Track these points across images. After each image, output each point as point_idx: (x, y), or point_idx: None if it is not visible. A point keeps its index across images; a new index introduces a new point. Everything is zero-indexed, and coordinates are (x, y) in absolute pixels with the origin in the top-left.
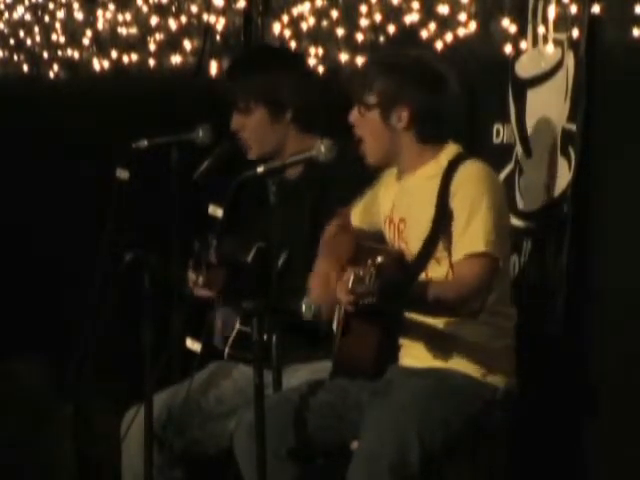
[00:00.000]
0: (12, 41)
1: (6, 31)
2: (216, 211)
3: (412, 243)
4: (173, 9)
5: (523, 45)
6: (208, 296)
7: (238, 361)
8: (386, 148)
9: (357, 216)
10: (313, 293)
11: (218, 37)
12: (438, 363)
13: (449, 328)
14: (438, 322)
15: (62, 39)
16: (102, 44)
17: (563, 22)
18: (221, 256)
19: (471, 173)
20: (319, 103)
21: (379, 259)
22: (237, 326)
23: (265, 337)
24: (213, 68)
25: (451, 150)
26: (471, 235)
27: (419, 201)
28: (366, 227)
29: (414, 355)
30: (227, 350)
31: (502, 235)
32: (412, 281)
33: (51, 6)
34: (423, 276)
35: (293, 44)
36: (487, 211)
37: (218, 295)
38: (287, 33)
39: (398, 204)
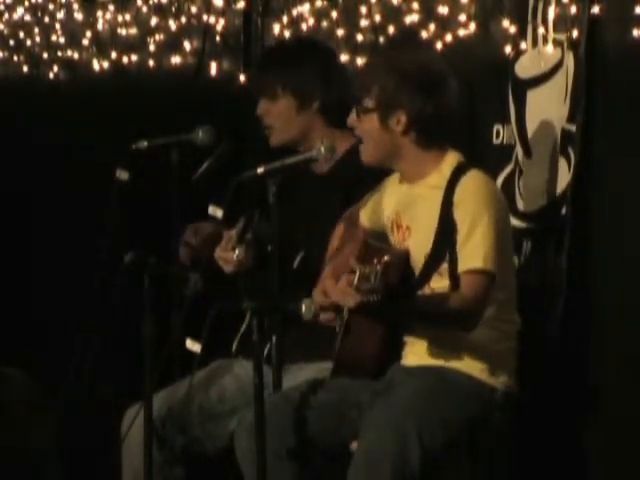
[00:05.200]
0: (12, 42)
1: (6, 32)
2: (216, 211)
3: (415, 252)
4: (173, 10)
5: (523, 46)
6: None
7: (245, 357)
8: (384, 151)
9: (365, 217)
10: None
11: (218, 38)
12: (441, 362)
13: None
14: None
15: (62, 40)
16: (102, 45)
17: (563, 22)
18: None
19: (473, 186)
20: (348, 98)
21: (386, 258)
22: (246, 322)
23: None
24: (213, 68)
25: (452, 159)
26: (470, 250)
27: (423, 211)
28: (374, 227)
29: (418, 353)
30: (235, 346)
31: (502, 249)
32: (415, 288)
33: (51, 7)
34: (426, 288)
35: None
36: (487, 226)
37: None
38: (287, 34)
39: (404, 210)
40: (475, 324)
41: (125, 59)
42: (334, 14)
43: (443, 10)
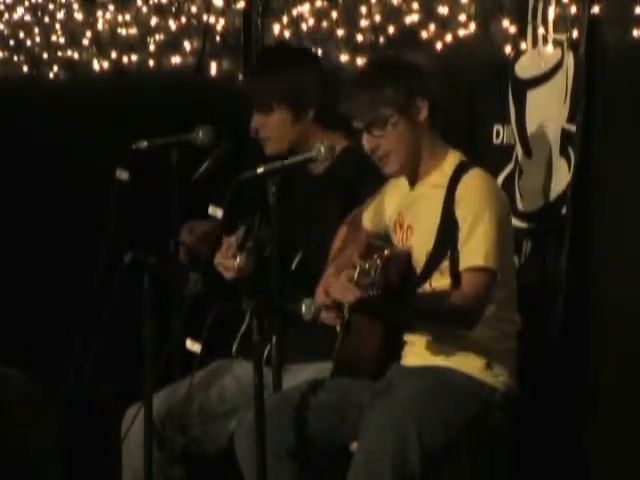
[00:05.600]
0: (12, 42)
1: (6, 32)
2: (216, 211)
3: (417, 250)
4: (173, 10)
5: (523, 46)
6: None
7: (245, 358)
8: (411, 151)
9: (368, 219)
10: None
11: (218, 37)
12: (441, 361)
13: None
14: None
15: (62, 40)
16: (102, 45)
17: (563, 23)
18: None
19: (474, 184)
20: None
21: (386, 252)
22: (245, 323)
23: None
24: (213, 68)
25: (454, 159)
26: (471, 248)
27: (425, 210)
28: (377, 230)
29: (417, 353)
30: (235, 347)
31: (503, 248)
32: (416, 286)
33: (51, 7)
34: (427, 287)
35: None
36: (489, 224)
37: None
38: (287, 34)
39: (406, 210)
40: (476, 322)
41: (125, 59)
42: (334, 14)
43: (443, 10)
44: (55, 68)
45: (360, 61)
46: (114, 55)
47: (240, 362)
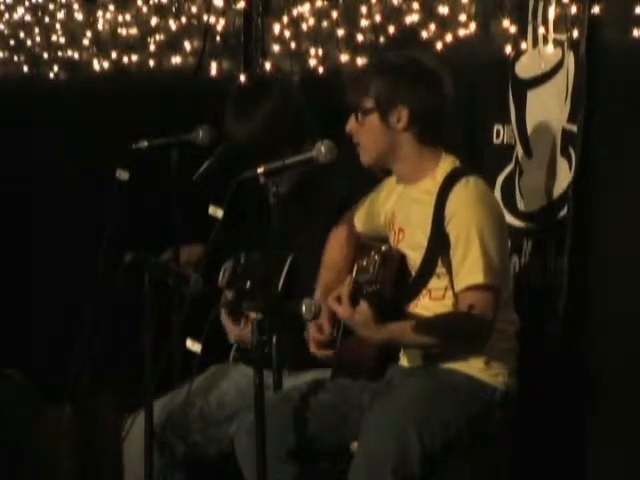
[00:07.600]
0: (12, 42)
1: (6, 32)
2: (216, 211)
3: (408, 254)
4: (173, 10)
5: (523, 46)
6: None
7: (245, 364)
8: (382, 151)
9: (360, 221)
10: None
11: (218, 38)
12: (440, 362)
13: None
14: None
15: (62, 40)
16: (102, 45)
17: (563, 23)
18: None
19: (463, 199)
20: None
21: (383, 248)
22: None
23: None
24: (213, 68)
25: (446, 165)
26: (470, 266)
27: (416, 216)
28: (369, 231)
29: (416, 353)
30: (233, 353)
31: (500, 257)
32: (412, 289)
33: (51, 7)
34: (425, 292)
35: (293, 45)
36: (483, 239)
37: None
38: (287, 34)
39: (399, 212)
40: (486, 341)
41: (125, 59)
42: (334, 14)
43: (443, 10)
44: (55, 68)
45: (360, 61)
46: (114, 55)
47: (238, 367)
